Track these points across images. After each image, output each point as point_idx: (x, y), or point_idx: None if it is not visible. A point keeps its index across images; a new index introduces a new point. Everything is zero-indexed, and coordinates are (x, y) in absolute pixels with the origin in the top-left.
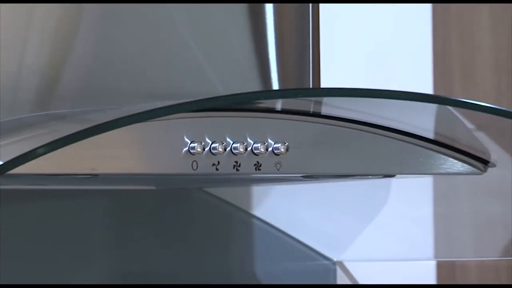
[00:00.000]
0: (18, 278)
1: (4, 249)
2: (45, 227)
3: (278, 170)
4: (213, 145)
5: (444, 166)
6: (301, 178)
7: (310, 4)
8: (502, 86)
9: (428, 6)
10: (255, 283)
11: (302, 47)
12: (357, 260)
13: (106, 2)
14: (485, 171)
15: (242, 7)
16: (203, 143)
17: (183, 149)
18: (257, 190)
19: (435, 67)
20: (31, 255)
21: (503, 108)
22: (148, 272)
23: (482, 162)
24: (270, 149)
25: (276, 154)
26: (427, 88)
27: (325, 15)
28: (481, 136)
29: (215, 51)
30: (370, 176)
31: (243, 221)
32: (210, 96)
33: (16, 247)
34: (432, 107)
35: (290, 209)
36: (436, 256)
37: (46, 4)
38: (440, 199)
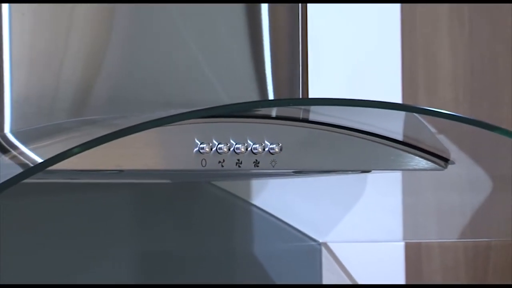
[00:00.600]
0: (56, 255)
1: (43, 232)
2: (77, 214)
3: (273, 166)
4: (219, 146)
5: (411, 163)
6: (293, 173)
7: (300, 30)
8: (460, 98)
9: (398, 31)
10: (254, 261)
11: (294, 64)
12: (339, 241)
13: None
14: (445, 167)
15: (242, 28)
16: (210, 144)
17: (194, 149)
18: (255, 183)
19: (404, 81)
20: (65, 236)
21: (460, 115)
22: (164, 251)
23: (443, 160)
24: (266, 149)
25: (271, 154)
26: (397, 99)
27: (310, 40)
28: (442, 139)
29: (220, 66)
30: (349, 172)
31: (244, 208)
32: (216, 105)
33: (53, 231)
34: (401, 114)
35: (283, 199)
36: (404, 238)
37: (82, 27)
38: (408, 191)
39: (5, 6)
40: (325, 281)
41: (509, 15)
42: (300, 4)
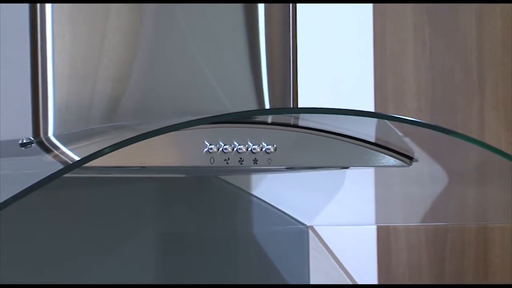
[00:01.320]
0: (92, 234)
1: (80, 217)
2: (107, 203)
3: (269, 164)
4: (224, 147)
5: (383, 161)
6: (285, 169)
7: (291, 42)
8: (422, 107)
9: (371, 51)
10: (253, 240)
11: (286, 76)
12: (323, 224)
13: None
14: (410, 164)
15: (243, 47)
16: (218, 146)
17: (204, 150)
18: (254, 177)
19: (376, 93)
20: (98, 221)
21: (422, 121)
22: (180, 232)
23: (408, 158)
24: (263, 149)
25: (267, 153)
26: (370, 108)
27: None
28: (407, 141)
29: (225, 80)
30: (332, 168)
31: (245, 198)
32: (222, 113)
33: (88, 216)
34: (374, 121)
35: (277, 190)
36: (376, 222)
37: (112, 48)
38: (379, 184)
39: (49, 29)
40: (311, 258)
41: (462, 39)
42: (291, 22)
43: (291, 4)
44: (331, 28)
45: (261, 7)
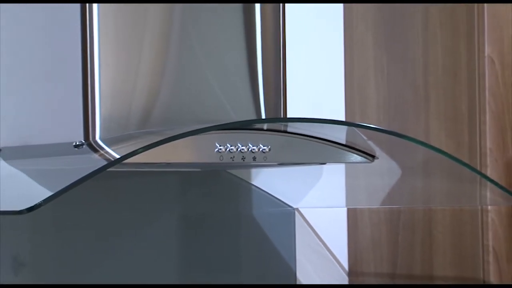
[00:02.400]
0: (126, 217)
1: (118, 202)
2: (139, 191)
3: (265, 161)
4: (230, 148)
5: (351, 158)
6: (277, 165)
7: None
8: (381, 118)
9: (341, 76)
10: (252, 219)
11: (278, 92)
12: (306, 207)
13: None
14: (372, 161)
15: (244, 67)
16: (225, 147)
17: (215, 150)
18: (253, 171)
19: (346, 108)
20: (131, 206)
21: (381, 128)
22: (197, 213)
23: (371, 156)
24: (261, 150)
25: (264, 153)
26: (342, 119)
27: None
28: (370, 143)
29: (230, 95)
30: (312, 163)
31: (246, 186)
32: (229, 122)
33: (124, 201)
34: (345, 128)
35: (271, 180)
36: (346, 205)
37: (145, 71)
38: (348, 175)
39: (96, 58)
40: (297, 233)
41: (412, 65)
42: (281, 47)
43: (281, 30)
44: (313, 61)
45: (258, 29)
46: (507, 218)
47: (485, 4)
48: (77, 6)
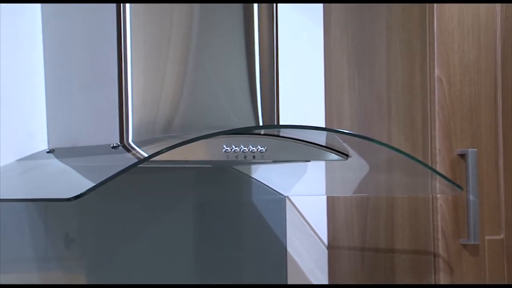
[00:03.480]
0: (150, 204)
1: (145, 193)
2: (162, 183)
3: (262, 159)
4: (235, 148)
5: (330, 157)
6: (272, 162)
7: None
8: (354, 126)
9: (322, 92)
10: (252, 205)
11: (272, 102)
12: (294, 195)
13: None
14: (347, 159)
15: (245, 80)
16: (231, 148)
17: (222, 150)
18: (253, 167)
19: (326, 118)
20: (155, 195)
21: (354, 132)
22: (208, 200)
23: (345, 155)
24: (259, 150)
25: (261, 153)
26: (322, 125)
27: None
28: (345, 145)
29: (234, 104)
30: (299, 161)
31: (247, 179)
32: (233, 128)
33: (151, 191)
34: (325, 133)
35: (267, 174)
36: (326, 193)
37: (168, 86)
38: (328, 170)
39: (129, 75)
40: (287, 216)
41: (378, 83)
42: (275, 60)
43: (275, 53)
44: (300, 79)
45: (256, 51)
46: (452, 204)
47: (435, 35)
48: (114, 30)
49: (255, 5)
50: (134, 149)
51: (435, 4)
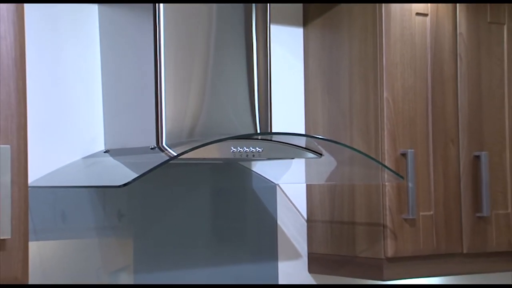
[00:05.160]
0: (178, 192)
1: (174, 183)
2: (185, 175)
3: (260, 157)
4: (240, 149)
5: (308, 155)
6: (267, 159)
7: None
8: (325, 132)
9: (303, 107)
10: (251, 191)
11: (267, 112)
12: (283, 183)
13: None
14: (320, 157)
15: (246, 93)
16: (237, 148)
17: (231, 150)
18: (253, 163)
19: (306, 126)
20: (181, 184)
21: (325, 138)
22: (220, 187)
23: (319, 154)
24: (257, 150)
25: (259, 152)
26: (302, 132)
27: None
28: (320, 147)
29: (237, 115)
30: (286, 159)
31: (248, 171)
32: (238, 134)
33: (177, 181)
34: (304, 138)
35: (263, 168)
36: (306, 182)
37: (193, 99)
38: (307, 165)
39: (163, 94)
40: (278, 199)
41: (342, 97)
42: (269, 75)
43: (269, 74)
44: (286, 99)
45: (255, 71)
46: (396, 189)
47: (384, 68)
48: (152, 63)
49: (254, 44)
50: (166, 149)
51: (384, 45)
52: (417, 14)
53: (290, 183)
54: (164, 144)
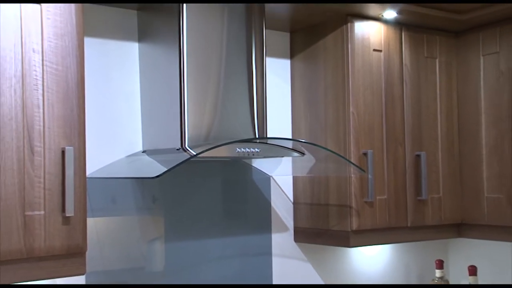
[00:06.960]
0: (195, 183)
1: (193, 177)
2: (202, 170)
3: (258, 156)
4: (243, 149)
5: (294, 154)
6: (263, 157)
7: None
8: (307, 137)
9: (290, 118)
10: (251, 182)
11: (263, 123)
12: (276, 175)
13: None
14: (303, 156)
15: (247, 108)
16: (241, 149)
17: (236, 150)
18: (253, 160)
19: (292, 132)
20: (198, 177)
21: (307, 141)
22: (228, 179)
23: (302, 153)
24: (256, 151)
25: (257, 152)
26: (289, 136)
27: None
28: (302, 148)
29: (240, 122)
30: (278, 157)
31: (249, 167)
32: (242, 139)
33: (196, 175)
34: (291, 141)
35: (260, 163)
36: (292, 174)
37: (208, 110)
38: (293, 162)
39: (186, 104)
40: (271, 187)
41: (320, 111)
42: (265, 86)
43: (265, 93)
44: (278, 113)
45: (254, 84)
46: (360, 179)
47: (350, 89)
48: (177, 81)
49: (254, 72)
50: (188, 150)
51: (350, 73)
52: (374, 50)
53: (281, 175)
54: (186, 146)
